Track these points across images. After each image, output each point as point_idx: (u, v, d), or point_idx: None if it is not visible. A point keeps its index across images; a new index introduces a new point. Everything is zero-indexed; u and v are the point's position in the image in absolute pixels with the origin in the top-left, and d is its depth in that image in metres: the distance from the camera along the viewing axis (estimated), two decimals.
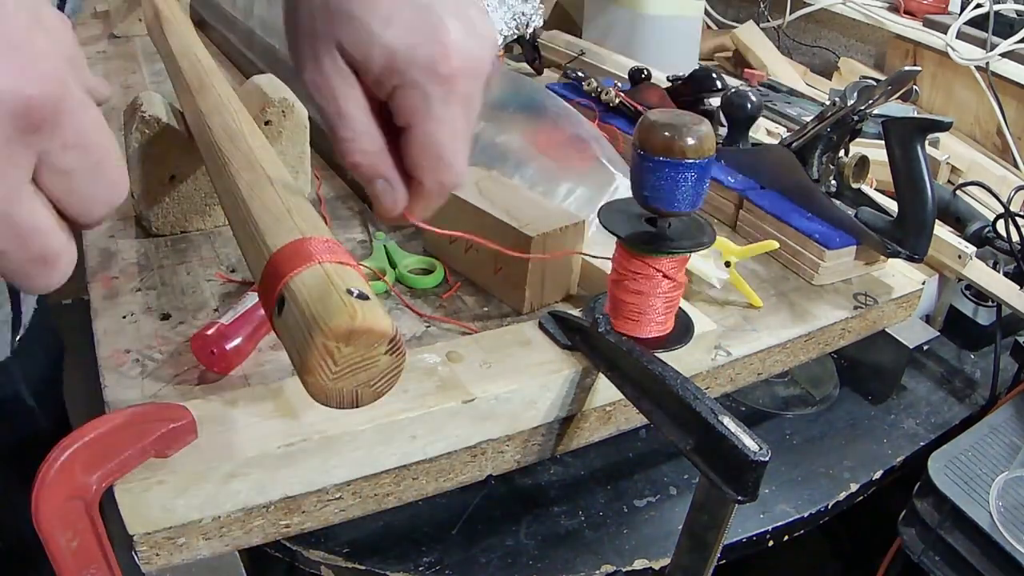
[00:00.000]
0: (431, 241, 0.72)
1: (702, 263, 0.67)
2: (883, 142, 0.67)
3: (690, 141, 0.48)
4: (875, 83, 0.69)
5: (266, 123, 0.70)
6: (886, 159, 0.67)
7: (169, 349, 0.56)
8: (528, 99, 0.81)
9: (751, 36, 1.41)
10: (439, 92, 0.39)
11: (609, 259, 0.56)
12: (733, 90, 0.83)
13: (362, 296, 0.35)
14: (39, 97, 0.27)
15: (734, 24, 1.55)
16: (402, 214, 0.43)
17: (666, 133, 0.48)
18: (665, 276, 0.53)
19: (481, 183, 0.67)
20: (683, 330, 0.57)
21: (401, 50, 0.38)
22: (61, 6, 0.59)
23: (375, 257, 0.69)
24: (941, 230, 0.78)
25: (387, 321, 0.35)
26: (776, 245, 0.66)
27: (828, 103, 0.74)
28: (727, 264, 0.66)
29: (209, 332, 0.53)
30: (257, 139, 0.52)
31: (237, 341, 0.54)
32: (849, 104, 0.70)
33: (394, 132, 0.41)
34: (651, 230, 0.53)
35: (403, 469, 0.50)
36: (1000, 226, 0.79)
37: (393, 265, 0.68)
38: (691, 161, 0.48)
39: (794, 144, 0.76)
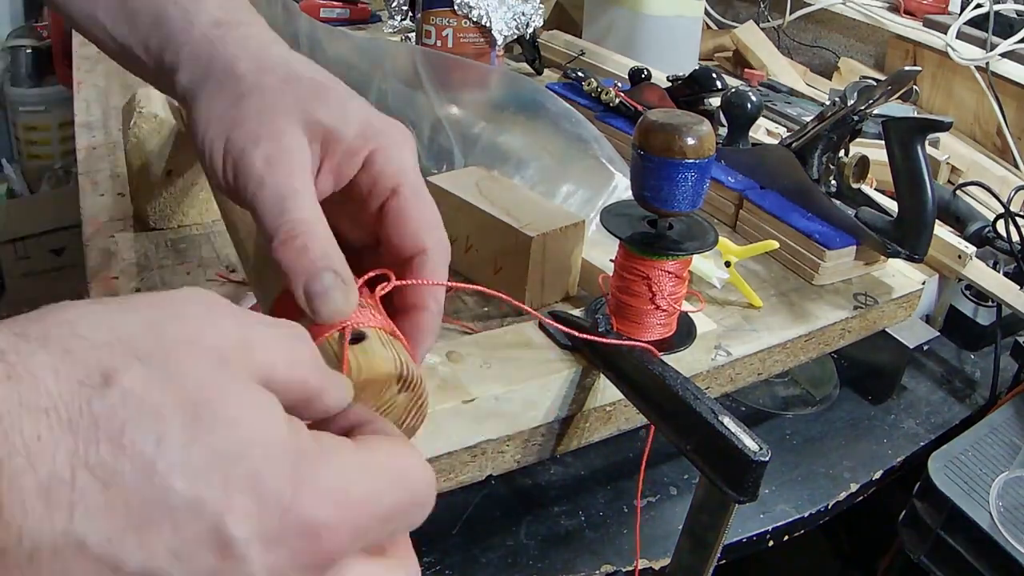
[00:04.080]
0: None
1: (702, 263, 0.67)
2: (883, 142, 0.67)
3: (690, 141, 0.48)
4: (875, 83, 0.69)
5: None
6: (886, 159, 0.67)
7: None
8: (528, 99, 0.81)
9: (751, 36, 1.41)
10: (410, 154, 0.39)
11: (609, 260, 0.56)
12: (733, 90, 0.83)
13: (356, 339, 0.32)
14: None
15: (734, 24, 1.55)
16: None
17: (666, 133, 0.48)
18: (668, 278, 0.53)
19: (481, 183, 0.67)
20: (685, 333, 0.57)
21: (373, 116, 0.38)
22: None
23: None
24: (941, 230, 0.78)
25: (387, 364, 0.32)
26: (776, 245, 0.66)
27: (828, 103, 0.75)
28: (727, 264, 0.66)
29: None
30: None
31: None
32: (849, 104, 0.70)
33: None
34: (653, 231, 0.53)
35: None
36: (1000, 226, 0.79)
37: None
38: (691, 161, 0.48)
39: (794, 144, 0.76)
